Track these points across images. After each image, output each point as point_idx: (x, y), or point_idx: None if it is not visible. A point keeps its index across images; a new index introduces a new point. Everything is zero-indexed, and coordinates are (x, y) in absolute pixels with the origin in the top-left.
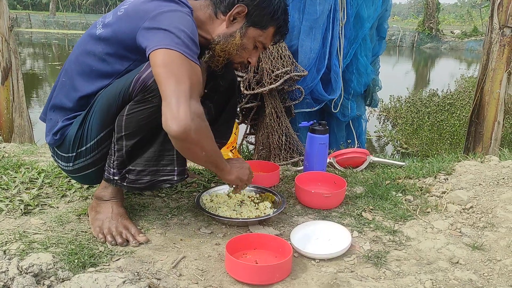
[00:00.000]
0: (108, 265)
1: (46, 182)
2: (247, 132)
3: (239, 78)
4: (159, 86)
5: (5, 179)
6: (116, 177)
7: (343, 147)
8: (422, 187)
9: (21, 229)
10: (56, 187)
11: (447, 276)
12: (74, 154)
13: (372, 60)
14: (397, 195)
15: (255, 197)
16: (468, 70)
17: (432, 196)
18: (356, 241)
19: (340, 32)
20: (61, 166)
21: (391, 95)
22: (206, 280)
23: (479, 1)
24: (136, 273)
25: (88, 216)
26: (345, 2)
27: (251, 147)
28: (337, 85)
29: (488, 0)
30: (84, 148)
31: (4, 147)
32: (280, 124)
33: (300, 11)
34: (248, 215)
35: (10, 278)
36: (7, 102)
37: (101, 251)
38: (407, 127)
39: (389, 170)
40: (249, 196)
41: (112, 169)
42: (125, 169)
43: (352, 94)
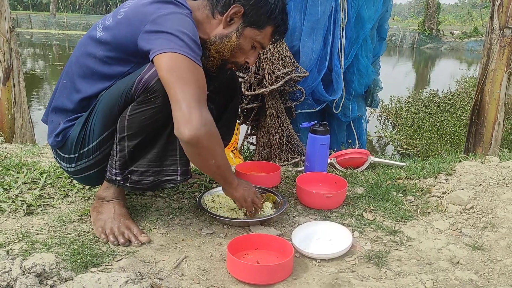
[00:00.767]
0: (111, 265)
1: (48, 183)
2: (248, 133)
3: (240, 79)
4: (168, 90)
5: (7, 180)
6: (118, 178)
7: (344, 148)
8: (423, 188)
9: (24, 230)
10: (58, 188)
11: (448, 276)
12: (76, 155)
13: (373, 61)
14: (398, 196)
15: None
16: (469, 71)
17: (433, 197)
18: (357, 241)
19: (341, 33)
20: (63, 167)
21: (392, 96)
22: (208, 280)
23: (480, 2)
24: (138, 273)
25: (90, 217)
26: (346, 3)
27: (252, 148)
28: (338, 86)
29: (489, 1)
30: (86, 149)
31: (6, 148)
32: (281, 125)
33: (302, 12)
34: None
35: (13, 278)
36: (9, 103)
37: (104, 251)
38: (408, 128)
39: (390, 171)
40: None
41: (114, 170)
42: (128, 170)
43: (353, 95)
